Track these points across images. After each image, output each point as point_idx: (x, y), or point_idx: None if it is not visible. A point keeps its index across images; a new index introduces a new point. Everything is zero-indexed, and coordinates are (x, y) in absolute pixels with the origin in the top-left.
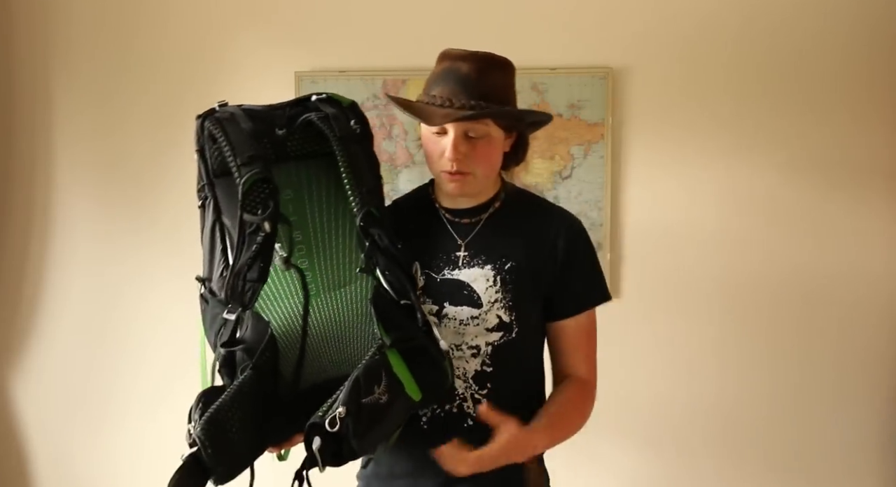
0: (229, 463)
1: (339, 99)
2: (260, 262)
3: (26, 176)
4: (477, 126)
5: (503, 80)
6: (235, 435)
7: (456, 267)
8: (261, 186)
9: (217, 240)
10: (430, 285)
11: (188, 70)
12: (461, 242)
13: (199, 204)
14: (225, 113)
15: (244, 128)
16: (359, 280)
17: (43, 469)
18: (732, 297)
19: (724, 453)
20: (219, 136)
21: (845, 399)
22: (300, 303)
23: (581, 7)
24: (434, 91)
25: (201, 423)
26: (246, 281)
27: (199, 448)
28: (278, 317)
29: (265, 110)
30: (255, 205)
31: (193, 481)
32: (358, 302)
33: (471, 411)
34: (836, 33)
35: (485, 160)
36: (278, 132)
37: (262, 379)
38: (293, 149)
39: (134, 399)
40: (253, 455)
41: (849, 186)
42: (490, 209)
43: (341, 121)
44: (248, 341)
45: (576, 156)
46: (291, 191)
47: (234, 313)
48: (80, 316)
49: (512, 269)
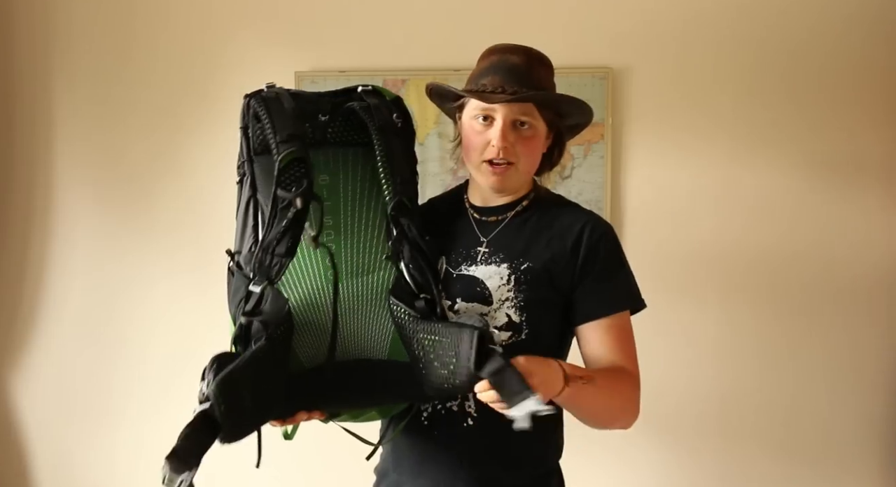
0: (238, 424)
1: (385, 92)
2: (289, 238)
3: (26, 176)
4: (525, 115)
5: (548, 77)
6: (246, 398)
7: (474, 263)
8: (297, 164)
9: (250, 216)
10: (446, 280)
11: (188, 70)
12: (483, 239)
13: (238, 180)
14: (271, 93)
15: (287, 108)
16: (383, 269)
17: (43, 469)
18: (733, 297)
19: (722, 443)
20: (262, 114)
21: (845, 391)
22: (328, 283)
23: (581, 7)
24: (483, 81)
25: (216, 381)
26: (274, 256)
27: (212, 405)
28: (300, 296)
29: (312, 95)
30: (290, 182)
31: (203, 436)
32: (379, 291)
33: (472, 410)
34: (836, 33)
35: (529, 152)
36: (321, 118)
37: (275, 351)
38: (333, 136)
39: (134, 398)
40: (260, 422)
41: (847, 182)
42: (517, 208)
43: (382, 113)
44: (265, 315)
45: (576, 156)
46: (328, 176)
47: (260, 286)
48: (80, 316)
49: (528, 270)
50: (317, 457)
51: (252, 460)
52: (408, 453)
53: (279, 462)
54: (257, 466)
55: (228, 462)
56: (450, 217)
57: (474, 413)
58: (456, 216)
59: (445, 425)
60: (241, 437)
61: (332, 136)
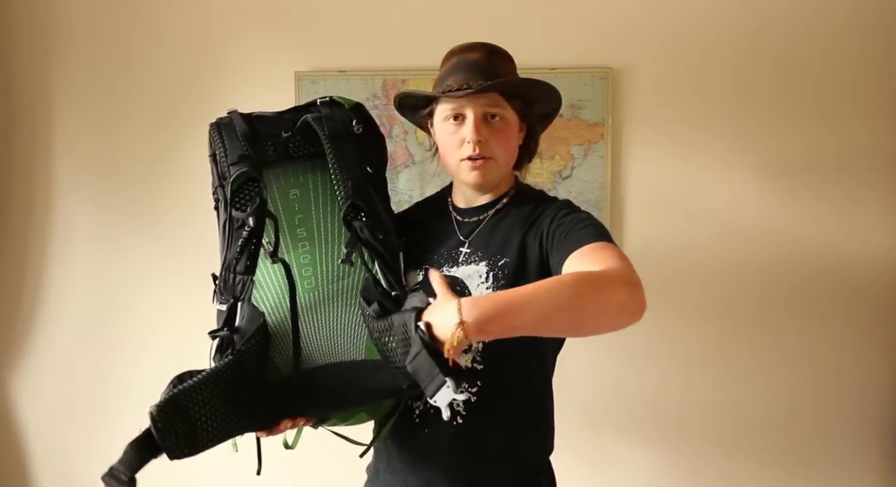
0: (184, 441)
1: (343, 101)
2: (246, 257)
3: (26, 176)
4: (495, 108)
5: (509, 67)
6: (197, 415)
7: (455, 264)
8: (250, 184)
9: (226, 239)
10: (426, 282)
11: (187, 70)
12: (464, 240)
13: (214, 205)
14: (226, 119)
15: (238, 131)
16: (355, 273)
17: (43, 469)
18: (733, 297)
19: (720, 443)
20: (216, 140)
21: (845, 392)
22: (285, 295)
23: (581, 7)
24: (447, 81)
25: (159, 401)
26: (235, 274)
27: (151, 424)
28: (270, 308)
29: (274, 115)
30: (244, 201)
31: (143, 452)
32: (353, 294)
33: (460, 408)
34: (836, 32)
35: (504, 143)
36: (283, 135)
37: (245, 363)
38: (295, 150)
39: (133, 399)
40: (225, 436)
41: (847, 182)
42: (496, 206)
43: (334, 121)
44: (241, 329)
45: (576, 156)
46: (297, 190)
47: (226, 304)
48: (80, 316)
49: (505, 265)
50: (307, 457)
51: (242, 464)
52: (398, 452)
53: (270, 462)
54: (258, 473)
55: (221, 464)
56: (433, 220)
57: (463, 411)
58: (439, 218)
59: (435, 423)
60: (192, 454)
61: (294, 151)
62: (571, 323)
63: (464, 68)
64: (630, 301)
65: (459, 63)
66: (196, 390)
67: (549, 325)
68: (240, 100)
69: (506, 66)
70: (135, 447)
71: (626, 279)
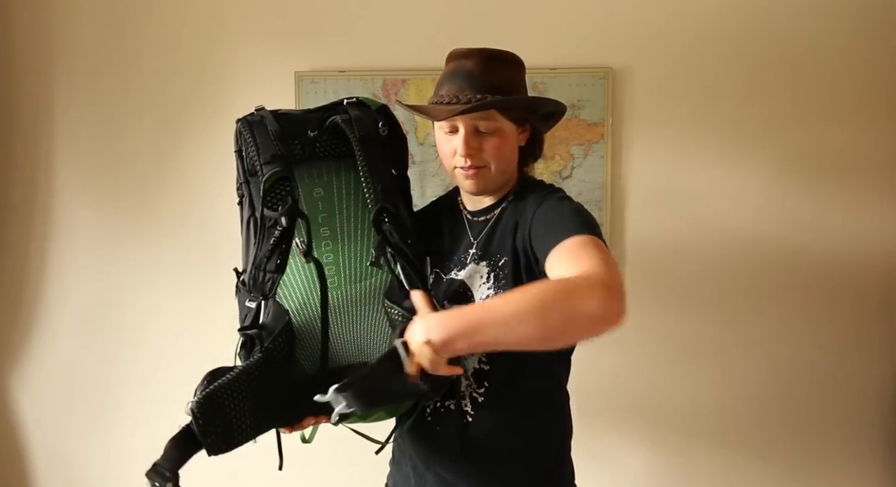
0: (222, 437)
1: (369, 102)
2: (278, 255)
3: (26, 177)
4: (486, 121)
5: (509, 74)
6: (232, 412)
7: (463, 266)
8: (282, 183)
9: (251, 235)
10: (437, 284)
11: (187, 70)
12: (473, 240)
13: (238, 201)
14: (256, 116)
15: (270, 130)
16: (379, 274)
17: (42, 469)
18: (733, 297)
19: (719, 444)
20: (247, 138)
21: (845, 392)
22: (318, 294)
23: (581, 7)
24: (442, 91)
25: (198, 397)
26: (266, 272)
27: (191, 420)
28: (296, 306)
29: (300, 114)
30: (276, 201)
31: (184, 448)
32: (375, 295)
33: (468, 409)
34: (836, 32)
35: (497, 154)
36: (310, 134)
37: (273, 361)
38: (322, 150)
39: (133, 399)
40: (255, 432)
41: (848, 181)
42: (502, 205)
43: (364, 123)
44: (267, 327)
45: (576, 156)
46: (322, 189)
47: (255, 301)
48: (81, 316)
49: (505, 265)
50: (330, 451)
51: (248, 458)
52: (414, 449)
53: (294, 457)
54: (279, 468)
55: (248, 460)
56: (450, 219)
57: (471, 411)
58: (454, 218)
59: (447, 422)
60: (229, 449)
61: (320, 151)
62: (540, 338)
63: (458, 78)
64: (602, 309)
65: (454, 71)
66: (231, 387)
67: (517, 340)
68: (240, 100)
69: (505, 73)
70: (175, 444)
71: (602, 284)
